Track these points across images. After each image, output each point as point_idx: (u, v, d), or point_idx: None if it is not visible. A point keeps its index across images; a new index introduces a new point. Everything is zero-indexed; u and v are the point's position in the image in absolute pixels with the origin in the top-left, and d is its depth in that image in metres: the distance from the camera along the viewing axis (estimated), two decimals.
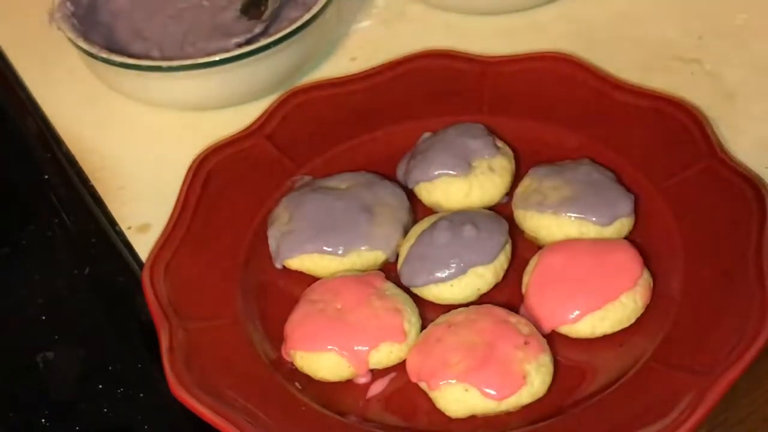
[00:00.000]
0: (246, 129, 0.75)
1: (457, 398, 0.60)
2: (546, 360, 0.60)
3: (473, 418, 0.60)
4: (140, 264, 0.70)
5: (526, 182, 0.70)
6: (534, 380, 0.60)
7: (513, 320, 0.62)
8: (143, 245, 0.70)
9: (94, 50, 0.77)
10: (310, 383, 0.63)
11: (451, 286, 0.65)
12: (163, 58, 0.80)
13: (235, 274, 0.68)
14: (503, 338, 0.60)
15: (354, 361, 0.62)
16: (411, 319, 0.63)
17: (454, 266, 0.64)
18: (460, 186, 0.70)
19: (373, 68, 0.79)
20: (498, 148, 0.71)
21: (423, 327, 0.64)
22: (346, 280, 0.65)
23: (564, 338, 0.63)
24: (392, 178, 0.72)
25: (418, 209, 0.71)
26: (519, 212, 0.69)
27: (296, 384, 0.62)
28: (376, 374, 0.63)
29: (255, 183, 0.73)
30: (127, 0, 0.85)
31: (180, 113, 0.80)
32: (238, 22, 0.83)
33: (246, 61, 0.76)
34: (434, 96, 0.77)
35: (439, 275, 0.65)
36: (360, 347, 0.62)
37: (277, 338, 0.64)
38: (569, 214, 0.67)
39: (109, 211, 0.75)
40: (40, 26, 0.83)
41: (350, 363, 0.62)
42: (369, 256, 0.67)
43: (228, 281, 0.67)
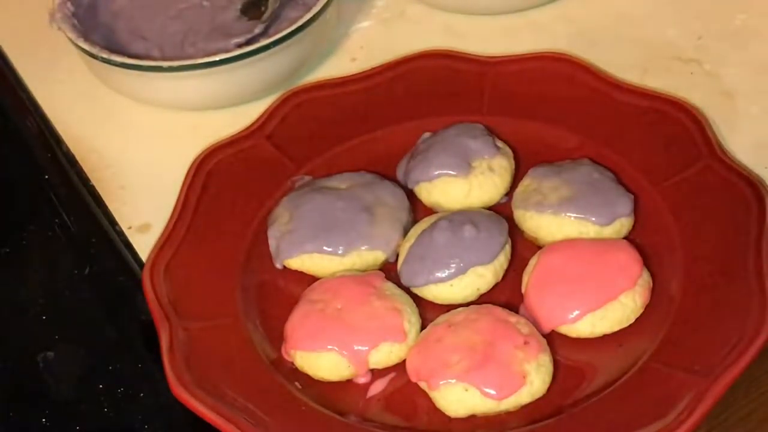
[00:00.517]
0: (246, 129, 0.75)
1: (457, 398, 0.60)
2: (546, 360, 0.61)
3: (473, 418, 0.60)
4: (140, 264, 0.70)
5: (526, 182, 0.70)
6: (534, 380, 0.60)
7: (513, 320, 0.62)
8: (143, 245, 0.70)
9: (95, 50, 0.77)
10: (310, 383, 0.63)
11: (451, 286, 0.65)
12: (164, 58, 0.80)
13: (235, 274, 0.68)
14: (503, 338, 0.60)
15: (354, 361, 0.62)
16: (411, 319, 0.63)
17: (454, 266, 0.65)
18: (460, 186, 0.70)
19: (373, 68, 0.79)
20: (498, 148, 0.71)
21: (423, 327, 0.64)
22: (346, 280, 0.65)
23: (564, 338, 0.63)
24: (392, 178, 0.72)
25: (418, 209, 0.71)
26: (519, 212, 0.69)
27: (296, 384, 0.62)
28: (376, 374, 0.63)
29: (255, 183, 0.73)
30: (128, 0, 0.85)
31: (180, 113, 0.80)
32: (238, 23, 0.83)
33: (246, 62, 0.76)
34: (434, 96, 0.77)
35: (439, 275, 0.65)
36: (360, 347, 0.62)
37: (277, 338, 0.64)
38: (569, 214, 0.67)
39: (110, 211, 0.75)
40: (40, 26, 0.83)
41: (350, 363, 0.62)
42: (369, 256, 0.67)
43: (228, 281, 0.67)
